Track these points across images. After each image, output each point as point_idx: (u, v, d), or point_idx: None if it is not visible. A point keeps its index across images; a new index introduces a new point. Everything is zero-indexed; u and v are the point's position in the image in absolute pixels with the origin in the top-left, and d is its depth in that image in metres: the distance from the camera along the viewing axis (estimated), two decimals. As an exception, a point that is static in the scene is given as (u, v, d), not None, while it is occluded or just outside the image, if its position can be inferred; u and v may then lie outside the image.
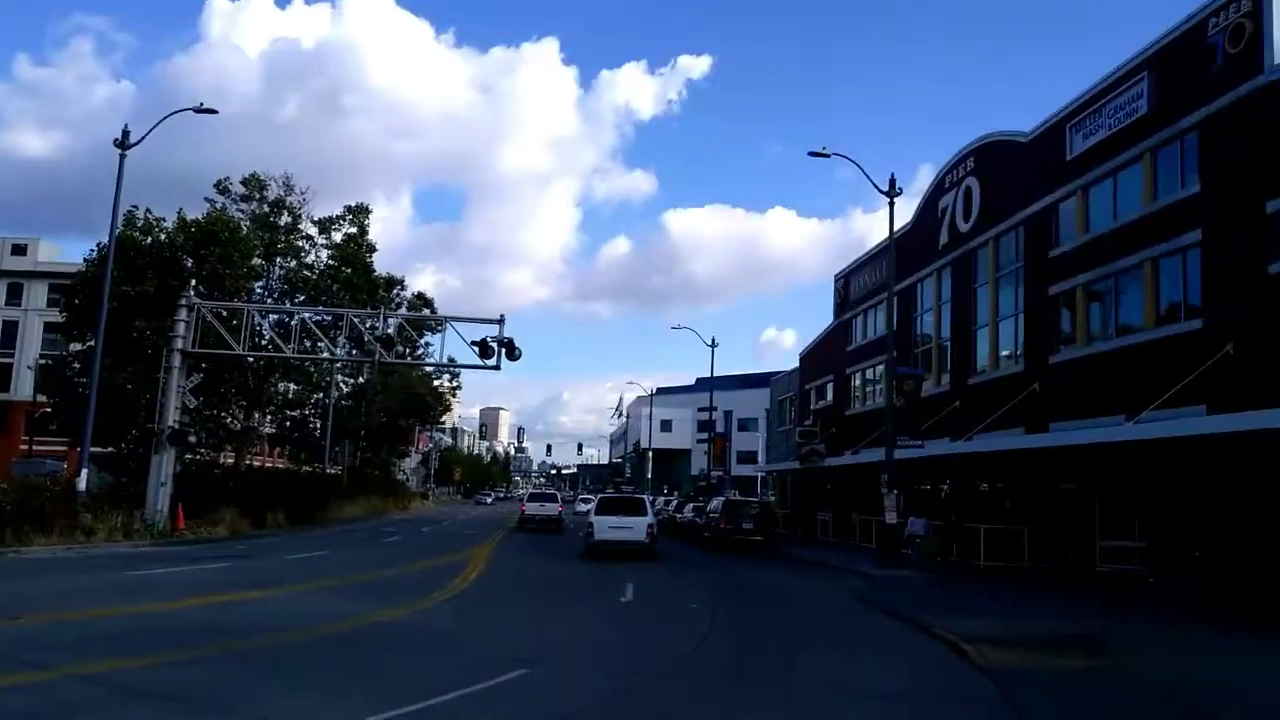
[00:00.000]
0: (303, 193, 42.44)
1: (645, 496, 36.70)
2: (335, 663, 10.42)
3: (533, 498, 48.73)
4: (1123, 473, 22.82)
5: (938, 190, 34.77)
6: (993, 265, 30.28)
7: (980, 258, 31.23)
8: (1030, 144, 28.14)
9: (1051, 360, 26.27)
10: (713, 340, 54.37)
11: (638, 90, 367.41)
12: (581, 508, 64.50)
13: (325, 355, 39.43)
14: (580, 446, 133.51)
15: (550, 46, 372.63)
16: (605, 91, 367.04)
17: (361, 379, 55.53)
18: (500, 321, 30.17)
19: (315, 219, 43.39)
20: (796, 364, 52.70)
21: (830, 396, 45.70)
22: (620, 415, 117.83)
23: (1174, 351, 20.84)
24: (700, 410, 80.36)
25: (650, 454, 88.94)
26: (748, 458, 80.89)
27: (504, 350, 29.65)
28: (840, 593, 19.98)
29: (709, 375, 58.78)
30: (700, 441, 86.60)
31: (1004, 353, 29.68)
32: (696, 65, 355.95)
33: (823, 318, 48.10)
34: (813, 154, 27.59)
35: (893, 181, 27.45)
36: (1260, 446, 17.58)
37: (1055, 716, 8.47)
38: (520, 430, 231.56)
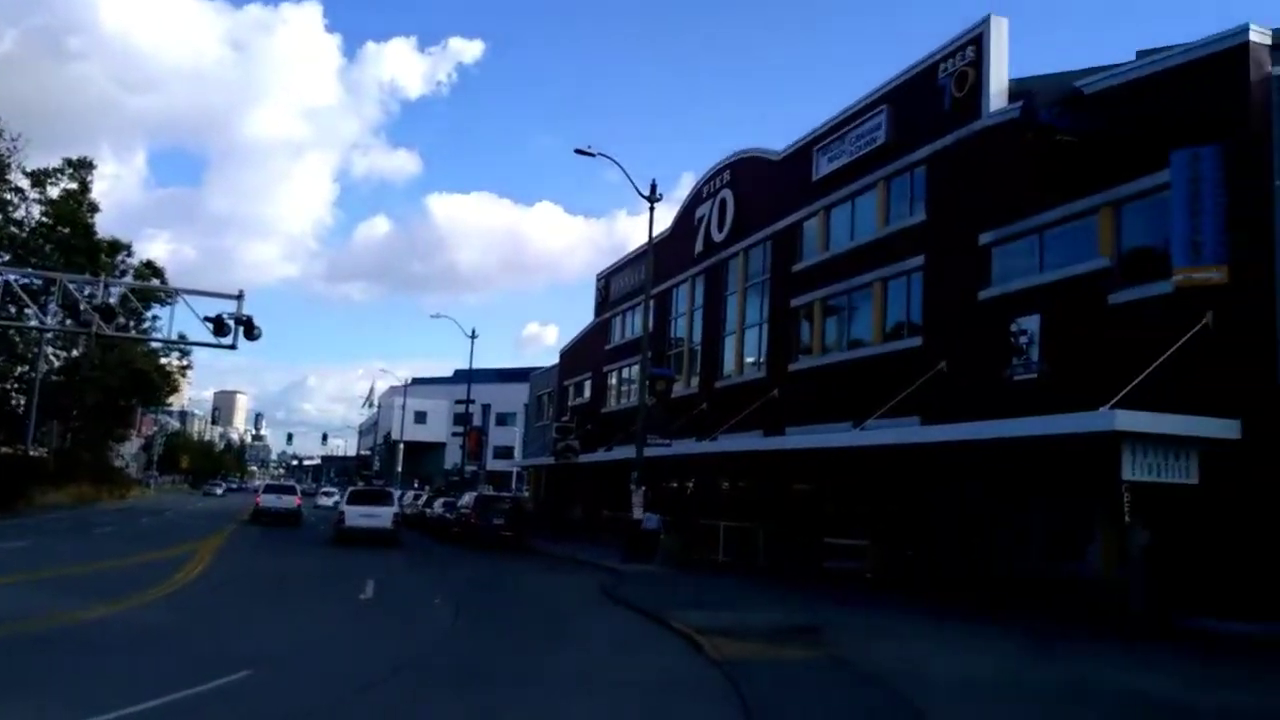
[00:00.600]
0: (14, 139, 37.82)
1: (393, 491, 39.92)
2: (31, 665, 9.29)
3: (269, 489, 45.78)
4: (849, 475, 24.72)
5: (696, 199, 36.19)
6: (742, 275, 31.90)
7: (732, 267, 32.80)
8: (781, 162, 29.88)
9: (790, 368, 28.02)
10: (473, 331, 53.51)
11: (405, 67, 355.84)
12: (324, 501, 61.61)
13: (33, 324, 35.21)
14: (325, 436, 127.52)
15: (313, 10, 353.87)
16: (370, 64, 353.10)
17: (76, 352, 50.09)
18: (239, 297, 28.17)
19: (28, 170, 38.74)
20: (557, 360, 53.09)
21: (588, 394, 46.40)
22: (371, 405, 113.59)
23: (897, 366, 22.83)
24: (457, 403, 79.08)
25: (402, 446, 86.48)
26: (505, 452, 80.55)
27: (242, 329, 27.72)
28: (586, 587, 20.27)
29: (468, 367, 57.94)
30: (456, 435, 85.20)
31: (749, 359, 31.34)
32: (469, 49, 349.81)
33: (585, 315, 48.84)
34: (579, 151, 27.86)
35: (654, 187, 28.25)
36: (963, 454, 19.62)
37: (775, 702, 8.97)
38: (259, 417, 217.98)
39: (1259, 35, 15.94)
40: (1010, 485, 19.69)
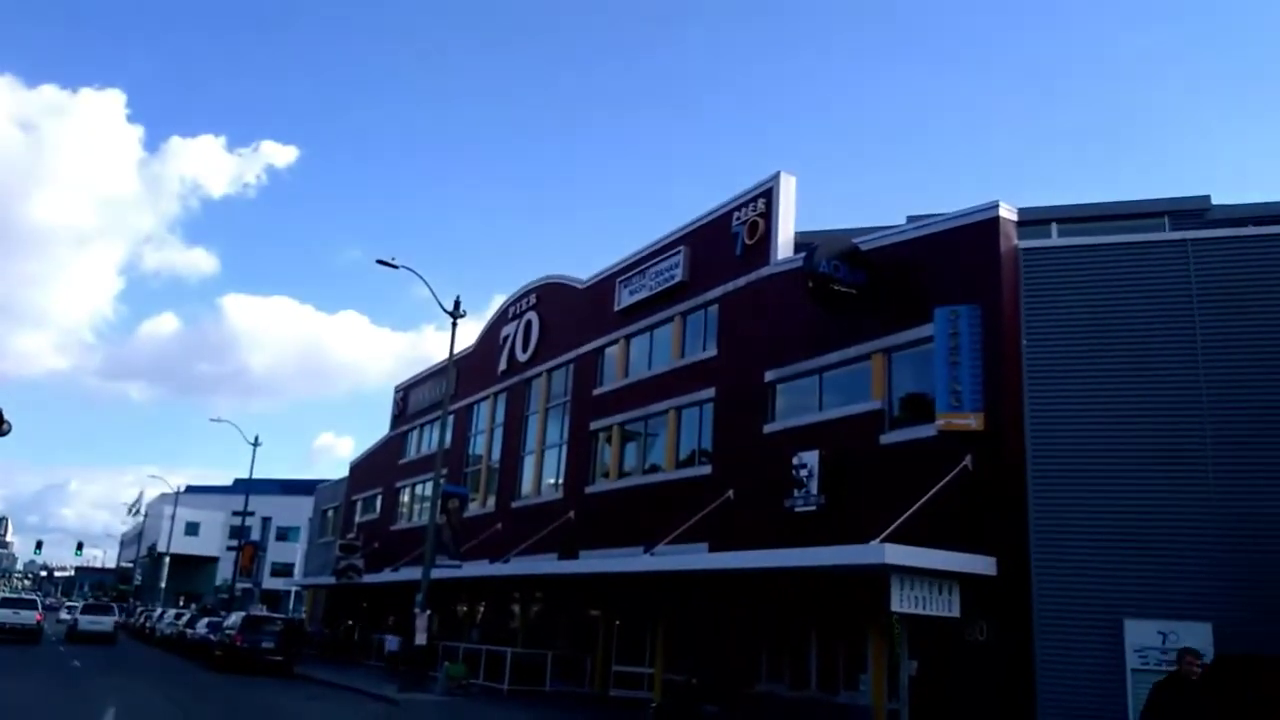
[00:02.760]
0: None
1: (112, 605, 52.08)
2: None
3: (5, 603, 41.02)
4: (640, 601, 24.75)
5: (502, 319, 36.38)
6: (544, 396, 32.09)
7: (534, 387, 32.96)
8: (586, 290, 30.68)
9: (587, 490, 28.12)
10: (255, 438, 50.52)
11: (211, 165, 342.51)
12: (65, 616, 55.79)
13: None
14: (80, 545, 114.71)
15: (115, 99, 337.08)
16: (173, 159, 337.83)
17: None
18: (-9, 394, 25.51)
19: None
20: (347, 473, 50.83)
21: (378, 509, 44.55)
22: (138, 513, 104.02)
23: (689, 492, 23.38)
24: (235, 514, 73.80)
25: (168, 560, 79.26)
26: (284, 569, 75.36)
27: (-11, 427, 24.93)
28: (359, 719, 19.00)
29: (248, 476, 54.35)
30: (231, 549, 79.10)
31: (548, 479, 31.23)
32: (282, 153, 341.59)
33: (382, 428, 47.21)
34: (381, 262, 27.50)
35: (457, 303, 28.21)
36: (747, 582, 20.14)
37: None
38: (4, 521, 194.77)
39: (1007, 211, 18.08)
40: (792, 614, 20.31)
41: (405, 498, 42.16)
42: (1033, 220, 19.54)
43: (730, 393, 23.40)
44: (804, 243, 22.43)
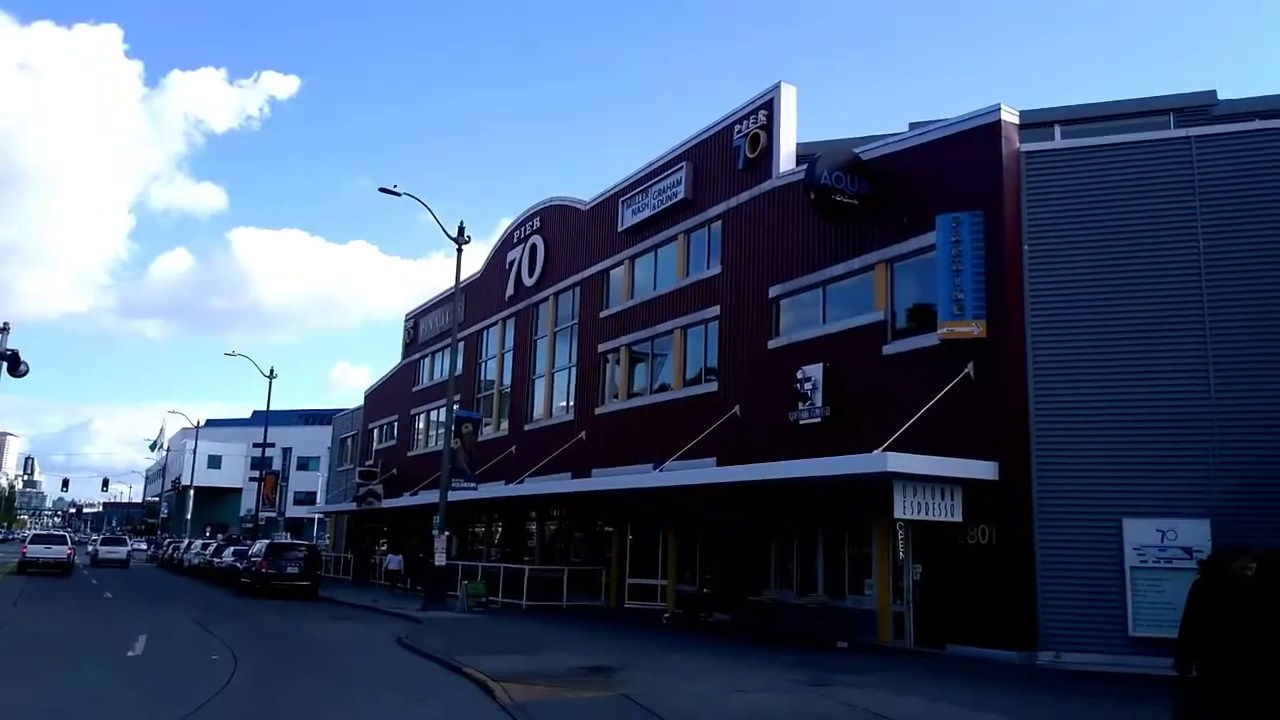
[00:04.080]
0: None
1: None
2: None
3: (36, 539, 42.67)
4: (651, 516, 25.24)
5: (507, 244, 36.32)
6: (552, 320, 32.22)
7: (541, 312, 33.07)
8: (590, 211, 30.54)
9: (597, 411, 28.44)
10: (271, 370, 51.04)
11: (214, 99, 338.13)
12: (103, 552, 57.24)
13: None
14: (106, 482, 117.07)
15: (112, 34, 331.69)
16: (175, 94, 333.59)
17: None
18: (3, 330, 25.84)
19: None
20: (362, 402, 51.45)
21: (395, 436, 45.20)
22: (161, 448, 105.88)
23: (696, 410, 23.64)
24: (256, 446, 75.01)
25: (192, 492, 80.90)
26: (306, 498, 76.84)
27: (4, 364, 25.36)
28: (381, 637, 19.62)
29: (266, 408, 55.12)
30: (254, 480, 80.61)
31: (558, 402, 31.56)
32: (283, 84, 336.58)
33: (395, 356, 47.59)
34: (384, 190, 27.41)
35: (461, 229, 28.15)
36: (755, 494, 20.50)
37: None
38: (30, 460, 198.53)
39: (1009, 114, 17.82)
40: (800, 523, 20.73)
41: (420, 424, 42.71)
42: (1035, 123, 19.26)
43: (735, 310, 23.45)
44: (806, 154, 22.19)
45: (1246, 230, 15.49)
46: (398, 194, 27.65)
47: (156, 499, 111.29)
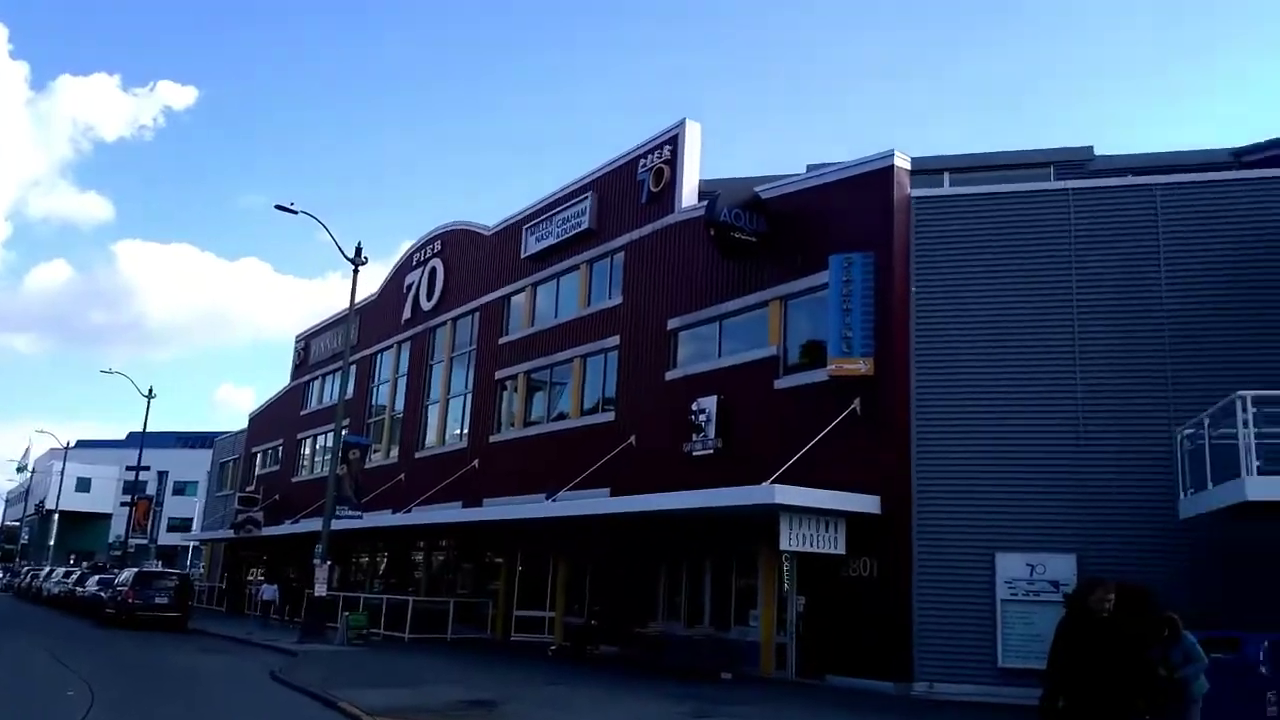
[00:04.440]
0: None
1: None
2: None
3: None
4: (542, 546, 24.91)
5: (406, 266, 35.73)
6: (449, 345, 31.75)
7: (439, 336, 32.56)
8: (493, 237, 30.32)
9: (492, 439, 28.05)
10: (150, 389, 48.78)
11: (105, 106, 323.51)
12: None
13: None
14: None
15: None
16: (64, 99, 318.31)
17: None
18: None
19: None
20: (246, 424, 49.61)
21: (279, 461, 43.66)
22: (25, 469, 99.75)
23: (593, 439, 23.53)
24: (129, 469, 71.34)
25: (57, 517, 76.34)
26: (182, 525, 73.26)
27: None
28: (252, 670, 18.75)
29: (142, 429, 52.51)
30: (125, 505, 76.60)
31: (452, 429, 31.02)
32: (180, 95, 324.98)
33: (284, 379, 46.05)
34: (280, 208, 26.67)
35: (358, 250, 27.55)
36: (648, 525, 20.46)
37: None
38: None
39: (902, 161, 18.45)
40: (690, 555, 20.76)
41: (306, 449, 41.39)
42: (926, 169, 19.99)
43: (635, 340, 23.53)
44: (708, 191, 22.52)
45: (1115, 278, 16.35)
46: (294, 212, 26.94)
47: (17, 524, 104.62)
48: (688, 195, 23.10)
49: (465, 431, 29.90)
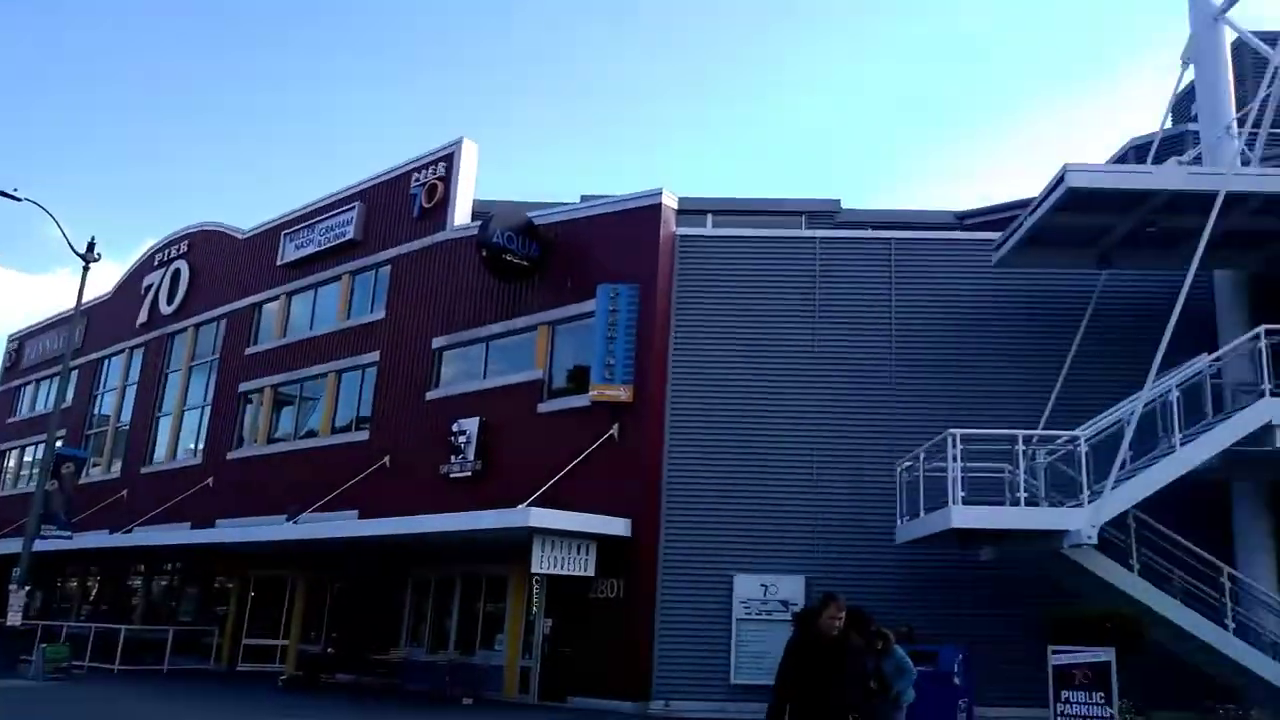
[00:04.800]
0: None
1: None
2: None
3: None
4: (280, 571, 23.40)
5: (146, 266, 32.90)
6: (189, 353, 29.45)
7: (178, 343, 30.14)
8: (247, 241, 28.57)
9: (230, 455, 26.18)
10: None
11: None
12: None
13: None
14: None
15: None
16: None
17: None
18: None
19: None
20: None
21: (-25, 475, 38.53)
22: None
23: (344, 459, 22.47)
24: None
25: None
26: None
27: None
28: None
29: None
30: None
31: (186, 444, 28.67)
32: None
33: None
34: (1, 194, 23.87)
35: (91, 245, 25.06)
36: (399, 548, 19.75)
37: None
38: None
39: (669, 199, 19.15)
40: (438, 578, 20.22)
41: (11, 461, 36.84)
42: (692, 209, 20.89)
43: (396, 358, 22.82)
44: (482, 211, 22.35)
45: (853, 322, 17.73)
46: (18, 199, 24.18)
47: None
48: (461, 214, 22.85)
49: (201, 447, 27.70)
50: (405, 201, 23.87)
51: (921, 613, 15.59)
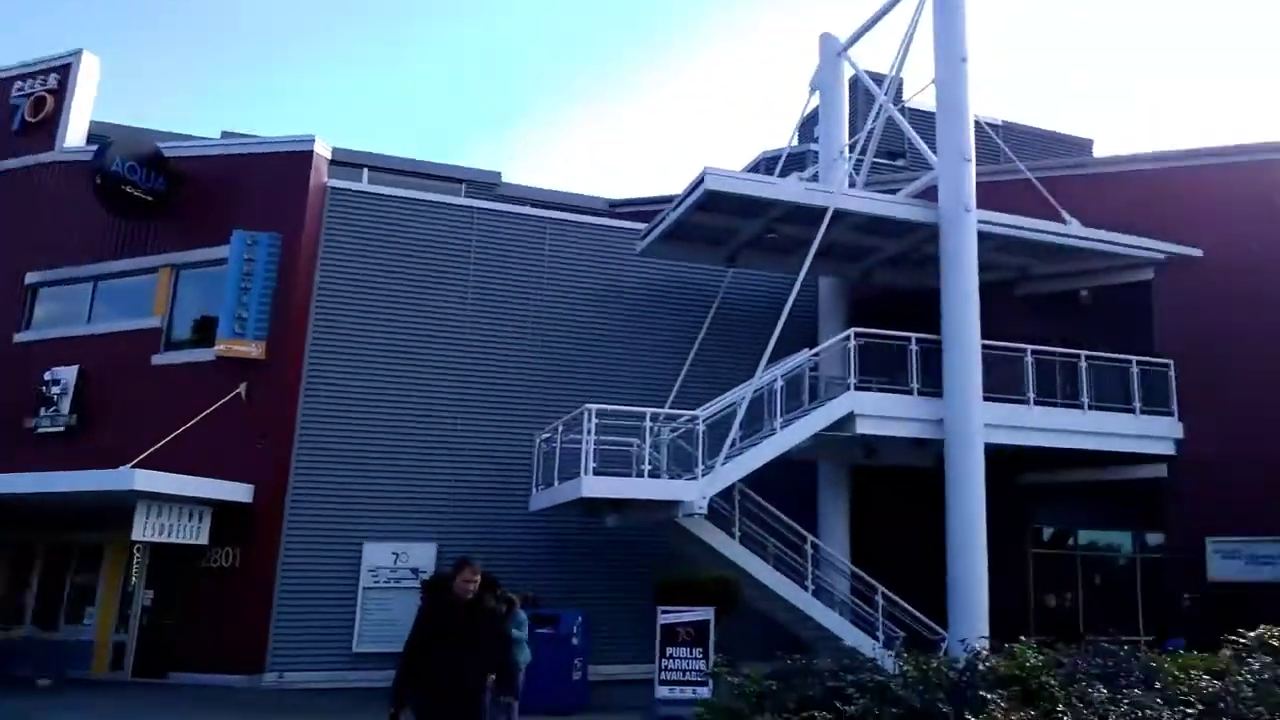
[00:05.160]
0: None
1: None
2: None
3: None
4: None
5: None
6: None
7: None
8: None
9: None
10: None
11: None
12: None
13: None
14: None
15: None
16: None
17: None
18: None
19: None
20: None
21: None
22: None
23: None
24: None
25: None
26: None
27: None
28: None
29: None
30: None
31: None
32: None
33: None
34: None
35: None
36: None
37: None
38: None
39: (322, 148, 18.10)
40: (18, 547, 17.70)
41: None
42: (348, 162, 19.94)
43: (-19, 293, 19.51)
44: (100, 135, 19.76)
45: (504, 295, 17.89)
46: None
47: None
48: (74, 135, 20.02)
49: None
50: (4, 111, 20.48)
51: (554, 578, 16.24)
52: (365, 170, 20.61)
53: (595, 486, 14.04)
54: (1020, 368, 15.81)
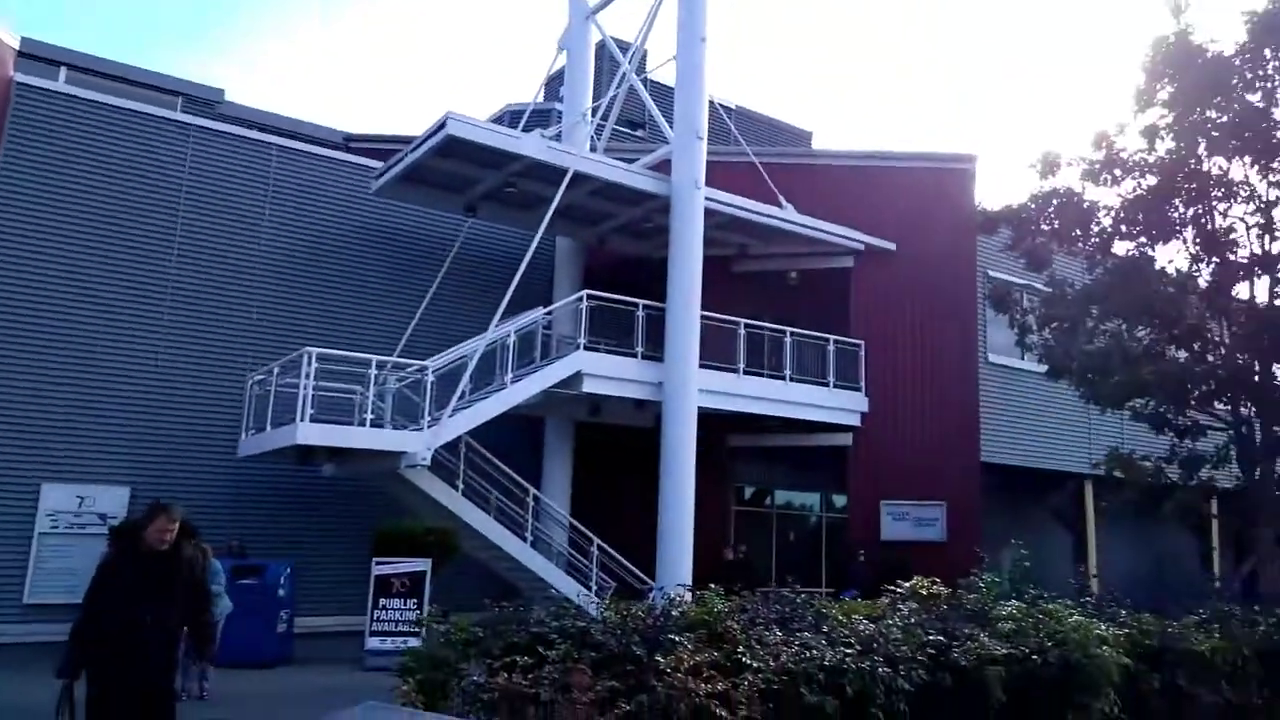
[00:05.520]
0: None
1: None
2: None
3: None
4: None
5: None
6: None
7: None
8: None
9: None
10: None
11: None
12: None
13: None
14: None
15: None
16: None
17: None
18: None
19: None
20: None
21: None
22: None
23: None
24: None
25: None
26: None
27: None
28: None
29: None
30: None
31: None
32: None
33: None
34: None
35: None
36: None
37: None
38: None
39: (8, 36, 15.90)
40: None
41: None
42: (43, 57, 17.56)
43: None
44: None
45: (221, 222, 16.53)
46: None
47: None
48: None
49: None
50: None
51: (264, 528, 15.51)
52: (63, 69, 18.23)
53: (311, 434, 13.51)
54: (734, 339, 16.97)
